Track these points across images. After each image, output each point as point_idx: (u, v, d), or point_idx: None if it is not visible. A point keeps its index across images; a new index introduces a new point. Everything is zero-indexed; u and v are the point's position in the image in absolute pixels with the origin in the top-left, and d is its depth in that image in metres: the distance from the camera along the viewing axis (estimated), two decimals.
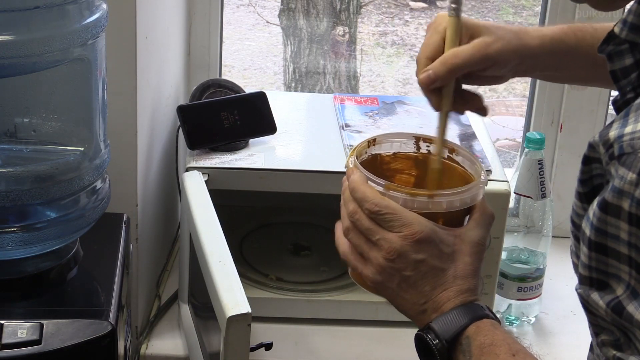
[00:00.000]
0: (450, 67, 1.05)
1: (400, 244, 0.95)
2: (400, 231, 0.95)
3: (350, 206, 0.99)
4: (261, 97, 1.67)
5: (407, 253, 0.95)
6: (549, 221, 1.67)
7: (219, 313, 1.22)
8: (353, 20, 2.59)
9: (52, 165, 1.27)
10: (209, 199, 1.45)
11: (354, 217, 0.98)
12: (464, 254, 0.97)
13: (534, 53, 1.12)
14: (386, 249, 0.96)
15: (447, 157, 1.06)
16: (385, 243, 0.96)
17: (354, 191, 0.98)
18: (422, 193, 0.97)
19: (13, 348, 1.16)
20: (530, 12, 2.90)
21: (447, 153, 1.06)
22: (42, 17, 1.18)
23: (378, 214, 0.96)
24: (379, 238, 0.96)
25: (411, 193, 0.97)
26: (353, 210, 0.98)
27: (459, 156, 1.06)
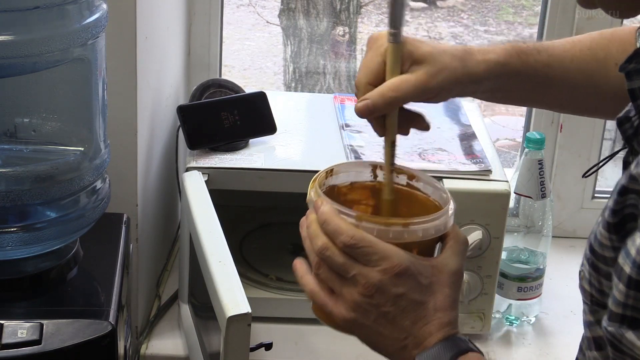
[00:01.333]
0: (389, 100, 1.01)
1: (378, 278, 0.91)
2: (378, 265, 0.91)
3: (320, 241, 0.93)
4: (261, 97, 1.67)
5: (386, 288, 0.91)
6: (549, 221, 1.67)
7: (219, 313, 1.22)
8: (353, 20, 2.59)
9: (52, 165, 1.27)
10: (209, 199, 1.45)
11: (325, 253, 0.92)
12: (442, 285, 0.93)
13: (479, 79, 1.08)
14: (363, 285, 0.91)
15: (407, 184, 1.02)
16: (362, 278, 0.91)
17: (325, 224, 0.92)
18: (397, 222, 0.93)
19: (13, 348, 1.16)
20: (530, 12, 2.90)
21: (407, 180, 1.02)
22: (42, 17, 1.18)
23: (354, 247, 0.91)
24: (356, 273, 0.91)
25: (385, 223, 0.92)
26: (324, 245, 0.92)
27: (419, 182, 1.02)
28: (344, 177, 1.02)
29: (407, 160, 1.59)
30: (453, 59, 1.05)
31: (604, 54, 1.16)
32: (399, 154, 1.64)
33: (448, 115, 1.78)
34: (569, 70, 1.14)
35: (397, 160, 1.02)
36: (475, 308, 1.61)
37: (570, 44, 1.16)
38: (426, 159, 1.60)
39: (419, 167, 1.58)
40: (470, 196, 1.54)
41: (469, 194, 1.54)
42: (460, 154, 1.63)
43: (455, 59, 1.05)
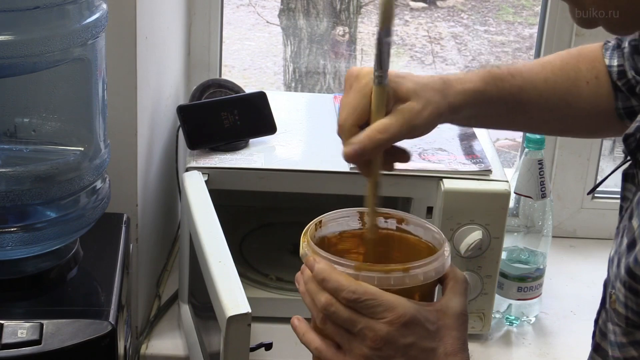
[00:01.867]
0: (377, 142, 0.99)
1: (386, 330, 0.90)
2: (384, 317, 0.90)
3: (322, 298, 0.92)
4: (261, 97, 1.67)
5: (394, 339, 0.90)
6: (549, 221, 1.67)
7: (219, 313, 1.22)
8: (353, 20, 2.59)
9: (52, 165, 1.27)
10: (209, 199, 1.45)
11: (329, 309, 0.91)
12: (450, 328, 0.93)
13: (458, 109, 1.08)
14: (371, 338, 0.90)
15: (397, 228, 1.02)
16: (370, 332, 0.90)
17: (324, 281, 0.91)
18: (397, 268, 0.92)
19: (13, 348, 1.16)
20: (530, 12, 2.90)
21: (396, 224, 1.02)
22: (42, 17, 1.18)
23: (357, 301, 0.90)
24: (362, 327, 0.90)
25: (385, 270, 0.91)
26: (327, 302, 0.91)
27: (409, 225, 1.02)
28: (332, 227, 1.01)
29: None
30: (435, 93, 1.05)
31: (574, 73, 1.18)
32: None
33: None
34: (543, 92, 1.15)
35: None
36: (475, 308, 1.61)
37: (542, 66, 1.17)
38: (426, 159, 1.60)
39: (419, 167, 1.58)
40: (470, 196, 1.54)
41: (469, 194, 1.54)
42: (460, 154, 1.63)
43: (437, 92, 1.05)
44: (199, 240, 1.35)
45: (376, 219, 1.01)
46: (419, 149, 1.63)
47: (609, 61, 1.17)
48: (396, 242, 1.02)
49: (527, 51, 2.80)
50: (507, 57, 2.87)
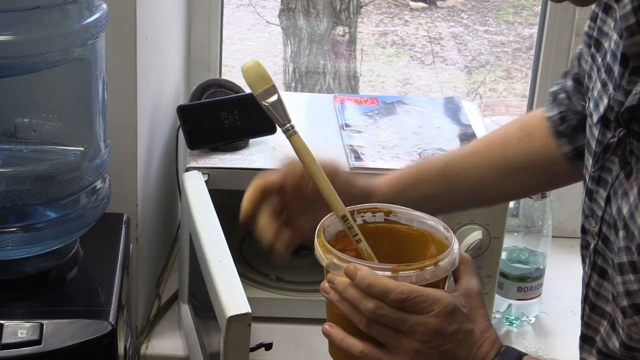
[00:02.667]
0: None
1: (435, 322, 0.95)
2: (432, 310, 0.95)
3: (370, 304, 0.95)
4: None
5: (443, 328, 0.95)
6: (549, 221, 1.67)
7: (219, 313, 1.22)
8: (353, 20, 2.59)
9: (52, 165, 1.27)
10: (209, 199, 1.45)
11: (378, 312, 0.95)
12: (477, 307, 0.99)
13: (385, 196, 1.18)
14: (422, 332, 0.95)
15: (385, 220, 1.06)
16: (420, 327, 0.95)
17: (371, 287, 0.95)
18: (429, 263, 0.96)
19: (13, 348, 1.16)
20: (530, 12, 2.90)
21: (384, 216, 1.06)
22: (42, 17, 1.18)
23: (406, 301, 0.94)
24: (412, 324, 0.95)
25: (419, 267, 0.96)
26: (375, 306, 0.95)
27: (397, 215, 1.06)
28: (331, 229, 1.04)
29: (407, 160, 1.59)
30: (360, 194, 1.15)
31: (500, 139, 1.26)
32: (398, 153, 1.64)
33: (448, 115, 1.78)
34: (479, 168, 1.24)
35: (398, 163, 1.03)
36: None
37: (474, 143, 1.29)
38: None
39: None
40: None
41: None
42: None
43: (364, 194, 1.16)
44: (199, 240, 1.35)
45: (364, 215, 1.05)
46: (419, 149, 1.63)
47: (547, 113, 1.23)
48: (385, 233, 1.06)
49: (527, 51, 2.80)
50: (507, 57, 2.87)
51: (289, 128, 1.07)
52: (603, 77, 1.05)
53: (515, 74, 2.86)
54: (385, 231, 1.06)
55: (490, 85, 2.87)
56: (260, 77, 1.07)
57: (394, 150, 1.63)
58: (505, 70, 2.88)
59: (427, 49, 2.88)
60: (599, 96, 1.05)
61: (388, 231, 1.06)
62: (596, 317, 1.06)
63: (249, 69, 1.07)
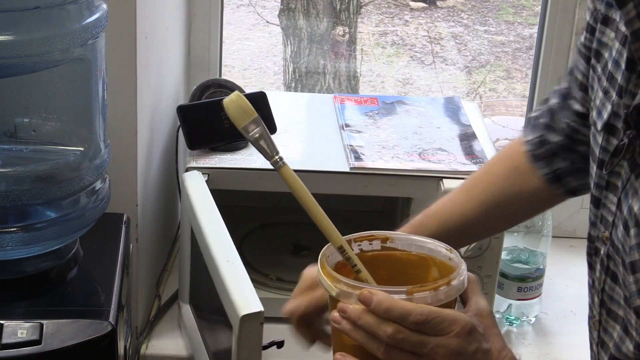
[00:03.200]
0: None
1: (456, 343, 0.93)
2: (451, 330, 0.93)
3: (389, 329, 0.93)
4: (261, 97, 1.67)
5: (464, 349, 0.94)
6: (549, 221, 1.67)
7: (230, 312, 1.22)
8: (353, 20, 2.59)
9: (52, 165, 1.27)
10: (212, 199, 1.45)
11: (398, 337, 0.93)
12: (491, 327, 0.98)
13: None
14: (443, 354, 0.93)
15: (382, 247, 1.04)
16: (441, 349, 0.93)
17: (389, 311, 0.93)
18: (442, 283, 0.95)
19: (13, 348, 1.16)
20: (530, 12, 2.90)
21: (380, 243, 1.04)
22: (42, 17, 1.18)
23: (425, 322, 0.92)
24: (432, 347, 0.93)
25: (434, 287, 0.94)
26: (395, 330, 0.93)
27: (394, 242, 1.04)
28: (330, 260, 1.02)
29: (407, 160, 1.59)
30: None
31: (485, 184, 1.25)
32: (398, 153, 1.64)
33: (448, 115, 1.78)
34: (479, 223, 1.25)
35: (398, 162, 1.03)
36: None
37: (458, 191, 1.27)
38: (426, 159, 1.60)
39: (419, 167, 1.58)
40: None
41: None
42: (460, 154, 1.63)
43: None
44: (204, 241, 1.35)
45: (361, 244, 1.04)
46: (419, 149, 1.63)
47: (526, 137, 1.23)
48: (382, 261, 1.04)
49: (527, 51, 2.80)
50: (507, 57, 2.87)
51: (278, 160, 1.04)
52: (605, 85, 1.05)
53: (515, 74, 2.86)
54: (382, 259, 1.04)
55: (490, 85, 2.87)
56: (242, 110, 1.04)
57: (394, 150, 1.63)
58: (505, 70, 2.88)
59: (427, 49, 2.88)
60: (602, 104, 1.06)
61: (385, 258, 1.04)
62: (611, 321, 1.05)
63: (230, 103, 1.04)
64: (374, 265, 1.03)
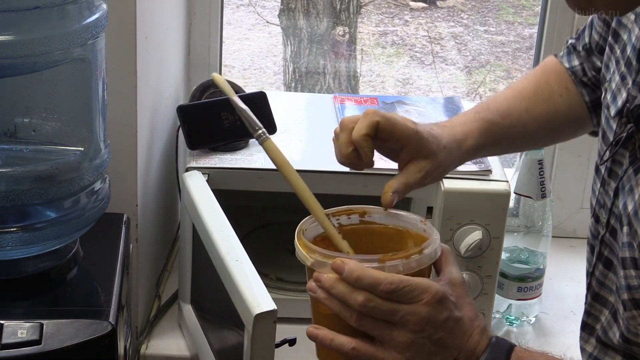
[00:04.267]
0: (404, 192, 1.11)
1: (426, 311, 0.95)
2: (421, 299, 0.94)
3: (359, 297, 0.94)
4: (261, 97, 1.67)
5: (434, 317, 0.95)
6: (549, 221, 1.67)
7: (243, 312, 1.21)
8: (353, 20, 2.59)
9: (52, 165, 1.27)
10: (214, 199, 1.45)
11: (369, 305, 0.94)
12: (463, 296, 0.99)
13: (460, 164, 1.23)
14: (414, 322, 0.94)
15: (360, 221, 1.07)
16: (412, 316, 0.94)
17: (360, 279, 0.94)
18: (414, 252, 0.97)
19: (13, 348, 1.16)
20: (530, 12, 2.90)
21: (359, 217, 1.07)
22: (42, 17, 1.18)
23: (395, 291, 0.94)
24: (403, 314, 0.94)
25: (405, 256, 0.96)
26: (366, 298, 0.94)
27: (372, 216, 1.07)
28: (308, 234, 1.05)
29: None
30: (448, 156, 1.17)
31: (547, 93, 1.28)
32: None
33: (448, 115, 1.78)
34: (528, 124, 1.27)
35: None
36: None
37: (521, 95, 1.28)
38: None
39: None
40: (470, 196, 1.54)
41: (469, 194, 1.54)
42: None
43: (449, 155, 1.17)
44: (211, 240, 1.35)
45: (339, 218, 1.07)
46: None
47: (569, 64, 1.27)
48: (361, 234, 1.07)
49: (527, 51, 2.80)
50: (507, 57, 2.87)
51: (262, 134, 1.09)
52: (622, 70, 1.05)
53: (515, 74, 2.86)
54: (361, 232, 1.06)
55: (490, 85, 2.87)
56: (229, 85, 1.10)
57: None
58: (505, 70, 2.88)
59: (427, 49, 2.89)
60: (617, 89, 1.06)
61: (364, 232, 1.07)
62: (598, 305, 1.06)
63: (219, 77, 1.10)
64: (353, 239, 1.05)
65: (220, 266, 1.31)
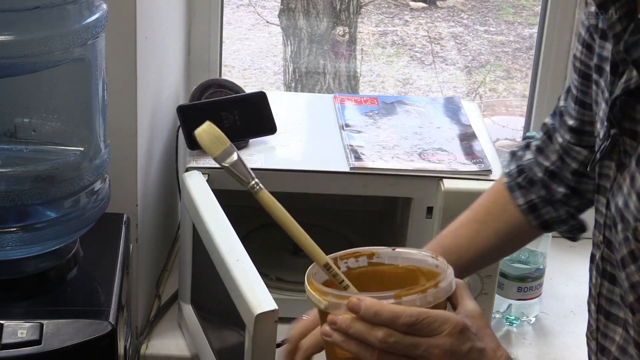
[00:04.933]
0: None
1: (449, 342, 0.93)
2: (443, 330, 0.93)
3: (379, 333, 0.92)
4: (261, 97, 1.67)
5: (458, 348, 0.93)
6: None
7: (244, 312, 1.21)
8: (353, 20, 2.59)
9: (52, 165, 1.27)
10: (214, 198, 1.45)
11: (390, 340, 0.92)
12: (483, 328, 0.98)
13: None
14: (437, 355, 0.92)
15: (368, 264, 1.04)
16: (434, 349, 0.92)
17: (378, 315, 0.92)
18: (429, 285, 0.95)
19: (13, 348, 1.16)
20: (530, 12, 2.90)
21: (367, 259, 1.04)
22: (42, 17, 1.18)
23: (416, 323, 0.92)
24: (426, 347, 0.92)
25: (421, 290, 0.94)
26: (386, 334, 0.92)
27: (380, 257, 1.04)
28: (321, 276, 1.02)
29: (407, 160, 1.59)
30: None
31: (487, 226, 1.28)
32: (398, 153, 1.64)
33: (448, 115, 1.78)
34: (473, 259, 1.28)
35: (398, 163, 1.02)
36: None
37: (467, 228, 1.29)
38: (426, 159, 1.60)
39: (419, 167, 1.58)
40: (470, 196, 1.53)
41: (469, 194, 1.53)
42: (460, 154, 1.63)
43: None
44: (211, 240, 1.35)
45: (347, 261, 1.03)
46: (418, 149, 1.63)
47: (505, 170, 1.27)
48: (370, 276, 1.04)
49: (527, 51, 2.80)
50: (507, 57, 2.87)
51: (254, 185, 1.05)
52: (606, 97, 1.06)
53: (515, 74, 2.86)
54: (370, 275, 1.03)
55: (490, 85, 2.87)
56: (215, 139, 1.05)
57: (394, 150, 1.63)
58: (505, 70, 2.88)
59: (427, 49, 2.89)
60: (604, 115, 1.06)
61: (373, 274, 1.04)
62: (612, 325, 1.05)
63: (202, 133, 1.05)
64: (363, 282, 1.02)
65: (221, 266, 1.31)
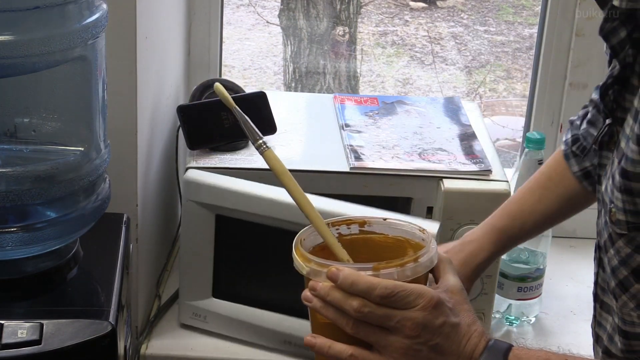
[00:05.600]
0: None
1: (422, 316, 0.95)
2: (417, 304, 0.95)
3: (354, 302, 0.95)
4: (261, 97, 1.67)
5: (430, 322, 0.95)
6: None
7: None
8: (353, 20, 2.59)
9: (52, 165, 1.27)
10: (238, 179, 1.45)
11: (364, 310, 0.95)
12: (461, 303, 1.00)
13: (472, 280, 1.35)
14: (409, 327, 0.95)
15: (360, 231, 1.07)
16: (407, 321, 0.95)
17: (354, 285, 0.95)
18: (409, 260, 0.97)
19: (13, 348, 1.16)
20: (530, 12, 2.90)
21: (358, 227, 1.07)
22: (42, 17, 1.18)
23: (390, 296, 0.94)
24: (399, 319, 0.95)
25: (400, 264, 0.97)
26: (360, 304, 0.95)
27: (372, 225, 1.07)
28: (307, 243, 1.04)
29: (407, 160, 1.59)
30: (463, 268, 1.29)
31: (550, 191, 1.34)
32: (398, 153, 1.64)
33: (448, 115, 1.78)
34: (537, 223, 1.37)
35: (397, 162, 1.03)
36: (475, 308, 1.59)
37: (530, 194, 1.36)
38: (426, 159, 1.60)
39: (419, 167, 1.58)
40: (470, 196, 1.54)
41: (469, 194, 1.54)
42: (460, 154, 1.63)
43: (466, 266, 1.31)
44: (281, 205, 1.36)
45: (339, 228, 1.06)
46: (419, 149, 1.63)
47: (564, 137, 1.31)
48: (361, 244, 1.06)
49: (527, 51, 2.80)
50: (507, 57, 2.87)
51: (262, 144, 1.07)
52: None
53: (515, 74, 2.86)
54: (360, 242, 1.06)
55: (490, 85, 2.88)
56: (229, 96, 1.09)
57: (394, 150, 1.63)
58: (505, 70, 2.88)
59: (427, 49, 2.89)
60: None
61: (363, 242, 1.06)
62: (604, 314, 1.06)
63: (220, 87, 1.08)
64: (353, 249, 1.05)
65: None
